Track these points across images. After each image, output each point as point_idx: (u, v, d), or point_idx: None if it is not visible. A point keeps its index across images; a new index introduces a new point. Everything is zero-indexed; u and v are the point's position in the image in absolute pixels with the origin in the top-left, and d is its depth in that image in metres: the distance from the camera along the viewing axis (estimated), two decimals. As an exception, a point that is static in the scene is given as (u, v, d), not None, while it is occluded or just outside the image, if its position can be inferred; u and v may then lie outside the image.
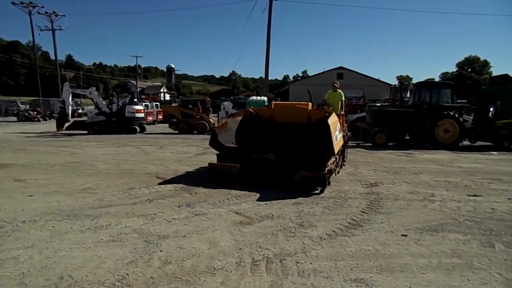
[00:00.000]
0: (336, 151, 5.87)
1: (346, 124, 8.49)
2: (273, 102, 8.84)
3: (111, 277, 2.91)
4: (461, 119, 12.36)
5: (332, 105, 9.29)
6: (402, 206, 5.03)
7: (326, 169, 5.73)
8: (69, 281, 2.82)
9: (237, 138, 7.05)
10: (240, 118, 7.32)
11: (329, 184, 5.90)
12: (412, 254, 3.40)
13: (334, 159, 6.25)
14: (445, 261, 3.26)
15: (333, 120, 6.12)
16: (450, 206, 5.03)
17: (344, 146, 7.59)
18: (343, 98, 9.45)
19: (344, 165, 7.91)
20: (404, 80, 28.97)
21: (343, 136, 7.28)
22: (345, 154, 8.17)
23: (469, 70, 69.74)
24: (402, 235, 3.91)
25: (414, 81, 51.44)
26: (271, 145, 6.49)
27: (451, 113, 12.19)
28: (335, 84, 9.64)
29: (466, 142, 12.95)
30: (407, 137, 13.61)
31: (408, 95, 17.12)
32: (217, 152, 6.85)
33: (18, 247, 3.47)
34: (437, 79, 66.24)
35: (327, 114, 6.59)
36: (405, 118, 12.81)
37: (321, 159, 5.84)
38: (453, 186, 6.29)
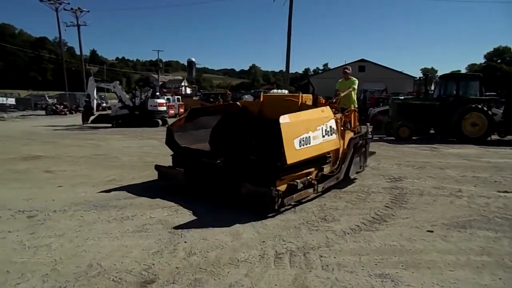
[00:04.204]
0: (294, 160, 4.22)
1: (358, 124, 6.29)
2: (262, 94, 7.10)
3: (137, 266, 2.99)
4: (489, 112, 11.89)
5: (343, 97, 7.14)
6: (428, 202, 4.91)
7: (282, 185, 4.34)
8: (98, 269, 2.92)
9: (212, 138, 5.88)
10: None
11: (281, 205, 4.25)
12: (438, 251, 3.32)
13: (312, 170, 4.83)
14: (474, 258, 3.16)
15: (299, 119, 4.54)
16: (479, 202, 4.87)
17: (355, 149, 5.62)
18: (355, 86, 7.45)
19: (360, 170, 6.12)
20: (428, 73, 28.13)
21: (353, 138, 5.63)
22: (359, 159, 5.87)
23: (499, 61, 66.98)
24: (428, 231, 3.82)
25: (439, 73, 49.79)
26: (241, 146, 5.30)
27: (479, 106, 11.74)
28: (346, 70, 7.75)
29: (495, 136, 12.47)
30: (431, 131, 13.25)
31: (432, 88, 16.64)
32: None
33: (50, 235, 3.62)
34: (463, 71, 63.89)
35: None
36: (430, 112, 12.43)
37: (270, 170, 4.34)
38: (481, 182, 6.08)
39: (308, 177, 4.68)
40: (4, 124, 19.40)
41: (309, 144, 4.46)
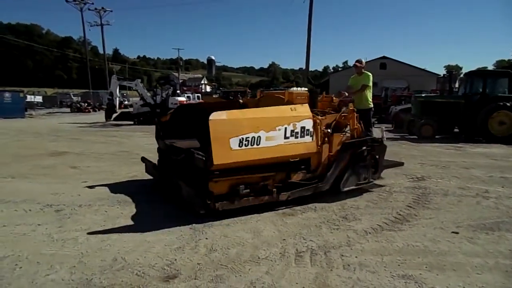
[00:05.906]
0: (225, 162, 3.85)
1: (357, 126, 5.25)
2: (259, 91, 6.74)
3: (160, 261, 3.04)
4: (519, 110, 11.44)
5: (355, 94, 6.71)
6: (452, 202, 4.78)
7: (219, 188, 3.97)
8: (122, 263, 2.99)
9: (203, 134, 5.65)
10: None
11: (212, 210, 3.93)
12: (465, 253, 3.22)
13: (272, 174, 4.29)
14: (503, 262, 3.05)
15: (242, 116, 4.11)
16: (507, 204, 4.69)
17: (351, 156, 4.88)
18: (369, 83, 6.64)
19: (364, 182, 5.08)
20: (453, 70, 27.29)
21: (348, 143, 4.92)
22: (361, 169, 5.00)
23: (528, 57, 64.22)
24: (453, 232, 3.71)
25: (464, 70, 48.21)
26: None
27: (508, 104, 11.31)
28: (357, 64, 6.76)
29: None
30: (456, 130, 12.88)
31: (457, 85, 16.16)
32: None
33: (76, 229, 3.73)
34: (490, 67, 61.58)
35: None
36: (454, 110, 12.07)
37: (202, 171, 3.99)
38: (509, 183, 5.86)
39: (262, 183, 4.22)
40: (32, 121, 20.14)
41: (258, 145, 4.01)
